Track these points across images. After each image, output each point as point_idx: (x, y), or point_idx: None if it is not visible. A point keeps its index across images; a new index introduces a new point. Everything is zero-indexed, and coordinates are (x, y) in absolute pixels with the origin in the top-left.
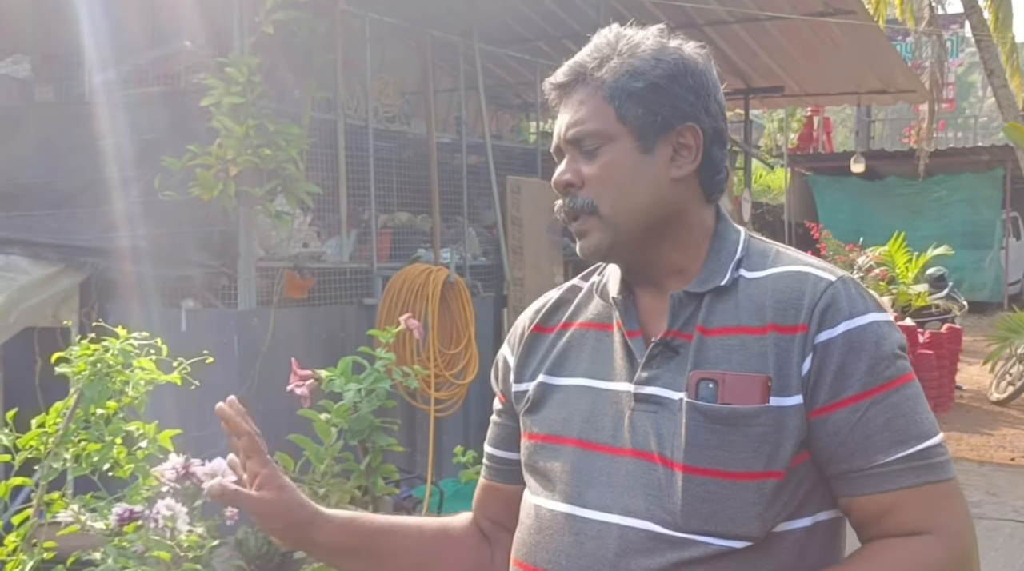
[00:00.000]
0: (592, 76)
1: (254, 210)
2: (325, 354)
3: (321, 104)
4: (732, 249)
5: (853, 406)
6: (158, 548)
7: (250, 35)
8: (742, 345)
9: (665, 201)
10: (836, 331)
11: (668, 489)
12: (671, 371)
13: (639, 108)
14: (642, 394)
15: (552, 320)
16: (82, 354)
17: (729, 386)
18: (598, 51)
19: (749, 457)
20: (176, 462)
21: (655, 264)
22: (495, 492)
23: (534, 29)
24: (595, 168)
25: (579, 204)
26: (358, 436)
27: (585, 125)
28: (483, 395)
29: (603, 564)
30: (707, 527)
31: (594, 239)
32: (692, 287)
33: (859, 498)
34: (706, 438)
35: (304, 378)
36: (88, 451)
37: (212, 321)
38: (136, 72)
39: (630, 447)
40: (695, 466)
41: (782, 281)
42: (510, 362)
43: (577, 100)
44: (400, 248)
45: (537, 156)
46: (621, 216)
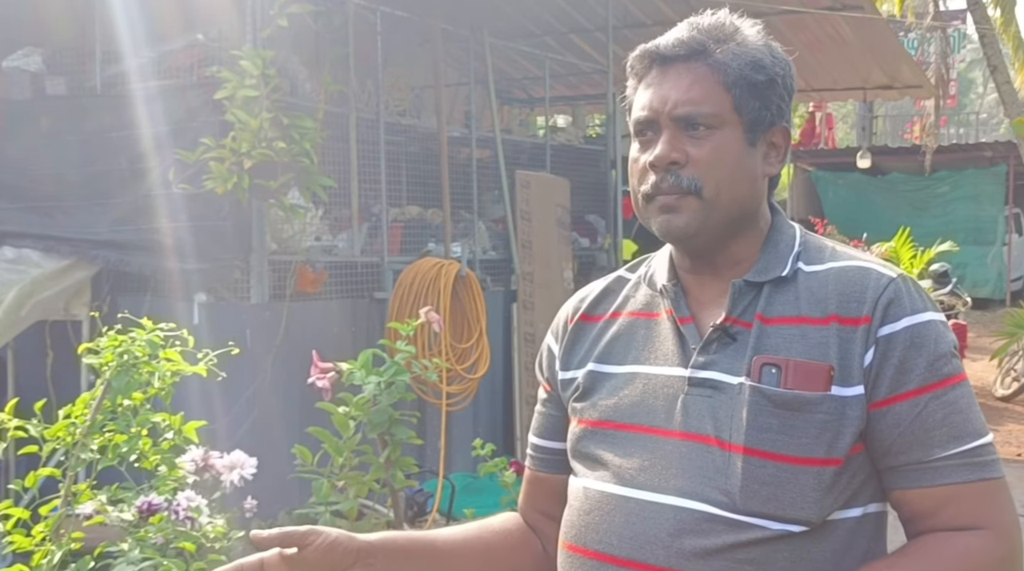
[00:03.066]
0: (712, 56)
1: (267, 203)
2: (337, 347)
3: (333, 97)
4: (790, 242)
5: (913, 400)
6: (182, 539)
7: (264, 28)
8: (803, 335)
9: (755, 195)
10: (898, 325)
11: (726, 471)
12: (728, 357)
13: (756, 101)
14: (697, 378)
15: (599, 309)
16: (110, 345)
17: (793, 372)
18: (714, 32)
19: (810, 443)
20: (196, 454)
21: (721, 254)
22: (542, 483)
23: (542, 24)
24: (705, 151)
25: (685, 183)
26: (377, 429)
27: (701, 106)
28: (493, 389)
29: (656, 544)
30: (765, 510)
31: (685, 219)
32: (752, 276)
33: (914, 491)
34: (768, 421)
35: (325, 370)
36: (115, 442)
37: (225, 314)
38: (148, 65)
39: (684, 430)
40: (756, 448)
41: (844, 275)
42: (555, 351)
43: (689, 77)
44: (410, 242)
45: (546, 151)
46: (722, 202)
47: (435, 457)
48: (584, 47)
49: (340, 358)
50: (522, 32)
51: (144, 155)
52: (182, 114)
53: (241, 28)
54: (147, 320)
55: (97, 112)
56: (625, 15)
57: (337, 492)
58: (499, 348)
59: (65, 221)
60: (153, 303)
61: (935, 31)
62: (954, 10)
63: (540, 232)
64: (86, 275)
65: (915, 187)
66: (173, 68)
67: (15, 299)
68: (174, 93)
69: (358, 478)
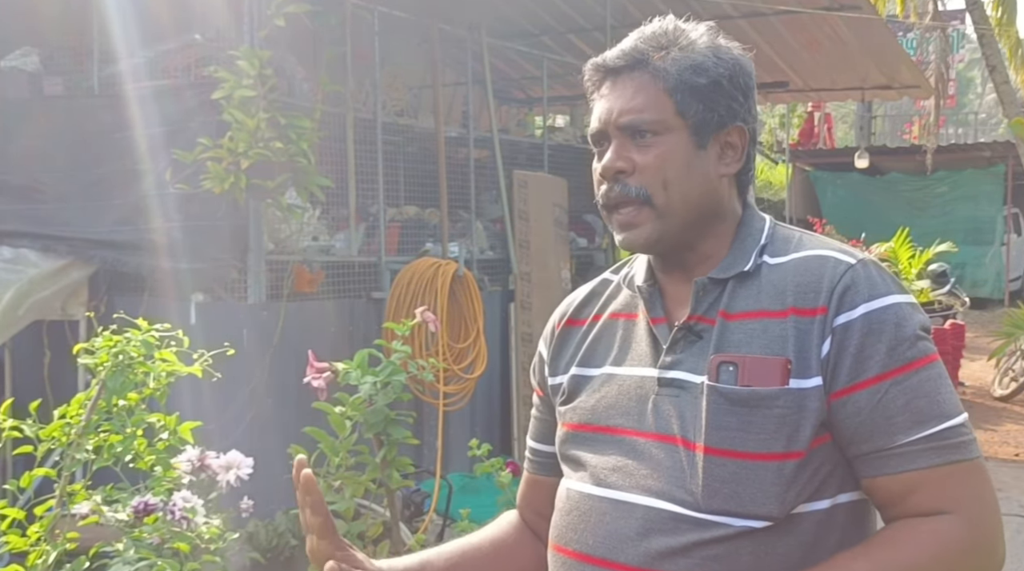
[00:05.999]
0: (652, 64)
1: (265, 203)
2: (334, 347)
3: (330, 97)
4: (756, 236)
5: (873, 388)
6: (178, 540)
7: (261, 28)
8: (763, 329)
9: (712, 196)
10: (855, 313)
11: (690, 470)
12: (694, 355)
13: (699, 104)
14: (665, 378)
15: (583, 313)
16: (105, 345)
17: (749, 369)
18: (655, 39)
19: (769, 438)
20: (192, 454)
21: (688, 253)
22: (538, 485)
23: (540, 24)
24: (650, 158)
25: (633, 192)
26: (373, 429)
27: (643, 114)
28: (490, 389)
29: (626, 543)
30: (727, 507)
31: (644, 230)
32: (716, 273)
33: (880, 478)
34: (727, 420)
35: (321, 370)
36: (110, 442)
37: (222, 314)
38: (146, 65)
39: (654, 430)
40: (716, 447)
41: (803, 265)
42: (545, 356)
43: (632, 86)
44: (408, 242)
45: (544, 150)
46: (674, 208)
47: (432, 457)
48: (582, 47)
49: (337, 358)
50: (520, 32)
51: (141, 155)
52: (179, 114)
53: (238, 28)
54: (143, 320)
55: (94, 112)
56: (623, 15)
57: (333, 492)
58: (496, 348)
59: (62, 221)
60: (150, 303)
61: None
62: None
63: (538, 232)
64: (83, 275)
65: (914, 187)
66: (170, 68)
67: (12, 299)
68: (171, 93)
69: (354, 478)
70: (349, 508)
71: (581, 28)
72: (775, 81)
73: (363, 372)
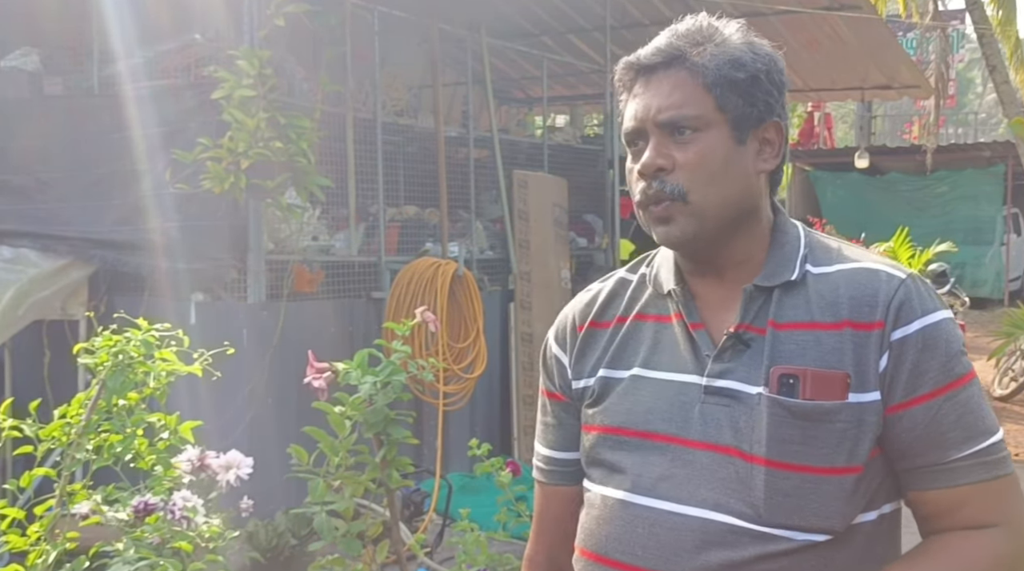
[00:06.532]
0: (690, 60)
1: (264, 203)
2: (334, 347)
3: (330, 97)
4: (795, 243)
5: (928, 403)
6: (178, 539)
7: (261, 28)
8: (816, 341)
9: (749, 194)
10: (911, 328)
11: (749, 483)
12: (744, 365)
13: (739, 99)
14: (714, 387)
15: (606, 314)
16: (105, 345)
17: (811, 382)
18: (690, 36)
19: (831, 452)
20: (191, 454)
21: (723, 255)
22: (559, 496)
23: (540, 24)
24: (689, 154)
25: (669, 189)
26: (373, 429)
27: (682, 109)
28: (490, 389)
29: (682, 557)
30: (790, 521)
31: (679, 227)
32: (761, 281)
33: (932, 492)
34: (789, 433)
35: (321, 370)
36: (110, 442)
37: (222, 314)
38: (146, 65)
39: (702, 440)
40: (778, 460)
41: (854, 277)
42: (564, 361)
43: (669, 83)
44: (407, 242)
45: (544, 150)
46: (711, 205)
47: (432, 457)
48: (582, 47)
49: (337, 358)
50: (520, 32)
51: (141, 155)
52: (179, 114)
53: (238, 28)
54: (143, 320)
55: (94, 112)
56: (623, 15)
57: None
58: (496, 348)
59: (62, 221)
60: (150, 303)
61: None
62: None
63: (537, 232)
64: (83, 275)
65: (914, 187)
66: (170, 68)
67: (12, 299)
68: (171, 93)
69: (354, 478)
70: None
71: (581, 28)
72: None
73: (363, 372)
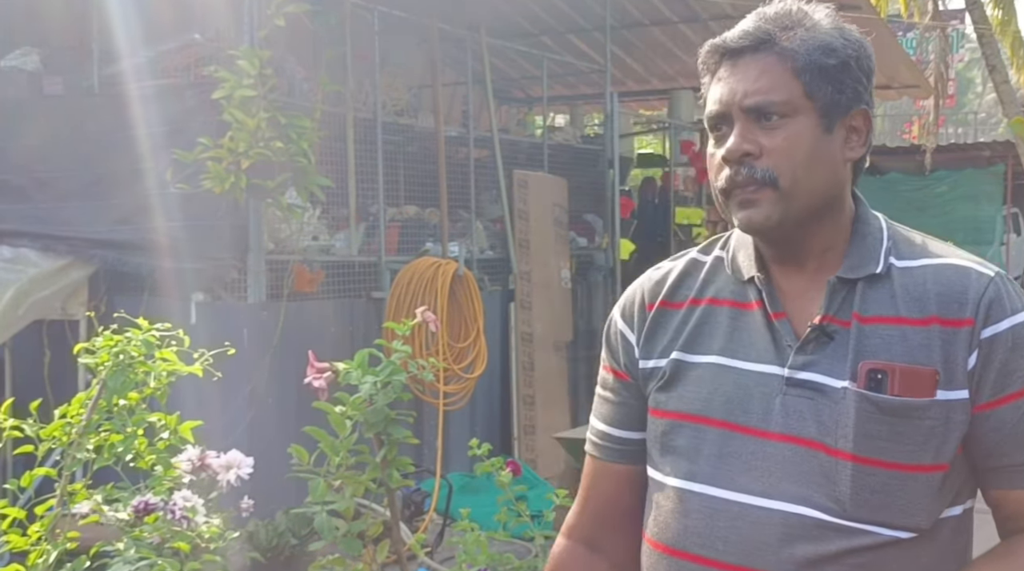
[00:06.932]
0: (779, 44)
1: (265, 203)
2: (334, 347)
3: (330, 97)
4: (878, 235)
5: (1016, 403)
6: (178, 539)
7: (261, 28)
8: (902, 336)
9: (836, 181)
10: (1001, 327)
11: (834, 477)
12: (828, 357)
13: (828, 86)
14: (797, 379)
15: (678, 295)
16: (105, 345)
17: (900, 377)
18: (779, 20)
19: (918, 449)
20: (192, 454)
21: (805, 243)
22: (611, 473)
23: (540, 24)
24: (778, 140)
25: (759, 174)
26: (374, 429)
27: (770, 95)
28: (491, 389)
29: (766, 551)
30: (876, 517)
31: (764, 211)
32: (845, 272)
33: (1016, 491)
34: (877, 429)
35: (321, 370)
36: (111, 442)
37: (222, 314)
38: (146, 64)
39: (783, 432)
40: (865, 456)
41: (942, 273)
42: (631, 339)
43: (757, 67)
44: (408, 241)
45: (544, 150)
46: (799, 191)
47: (432, 456)
48: (582, 47)
49: (337, 358)
50: (520, 32)
51: (141, 155)
52: (179, 114)
53: (238, 28)
54: (143, 320)
55: (94, 112)
56: (623, 15)
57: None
58: (496, 347)
59: (62, 220)
60: (150, 303)
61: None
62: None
63: (538, 231)
64: (83, 275)
65: (913, 187)
66: (170, 68)
67: (12, 298)
68: (171, 93)
69: (354, 478)
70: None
71: (581, 28)
72: None
73: (363, 372)
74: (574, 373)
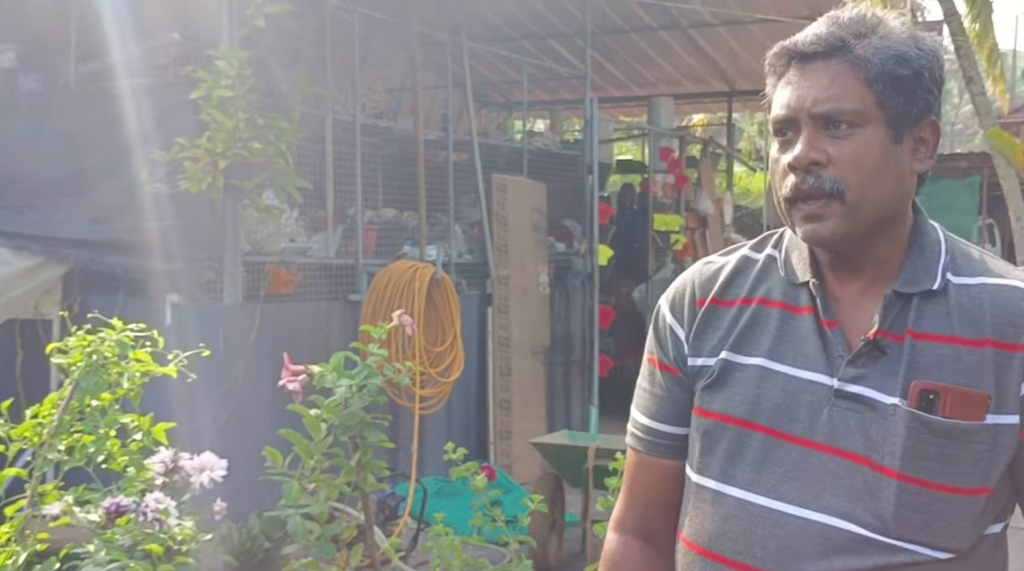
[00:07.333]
0: (852, 52)
1: (242, 204)
2: (310, 349)
3: (309, 99)
4: (935, 249)
5: None
6: (150, 541)
7: (240, 28)
8: (956, 356)
9: (902, 194)
10: None
11: (878, 494)
12: (879, 372)
13: (900, 96)
14: (846, 392)
15: (729, 292)
16: (78, 345)
17: (952, 400)
18: (853, 27)
19: (966, 472)
20: (165, 455)
21: (865, 253)
22: (657, 467)
23: (520, 28)
24: (846, 150)
25: (828, 186)
26: (348, 432)
27: (842, 103)
28: (467, 393)
29: (802, 561)
30: (917, 536)
31: (830, 226)
32: (901, 286)
33: None
34: (926, 449)
35: (296, 373)
36: (83, 443)
37: (197, 315)
38: (124, 63)
39: (829, 444)
40: (912, 476)
41: (999, 295)
42: (680, 334)
43: (828, 74)
44: (385, 244)
45: (523, 155)
46: (866, 204)
47: (407, 460)
48: (562, 52)
49: (314, 360)
50: (500, 36)
51: (118, 154)
52: (157, 113)
53: (218, 28)
54: (117, 320)
55: (71, 110)
56: (604, 21)
57: (308, 495)
58: (473, 352)
59: (36, 219)
60: (125, 303)
61: None
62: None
63: (516, 236)
64: (57, 274)
65: None
66: (149, 67)
67: None
68: (149, 92)
69: (329, 481)
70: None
71: (561, 33)
72: (754, 89)
73: (339, 375)
74: (551, 378)
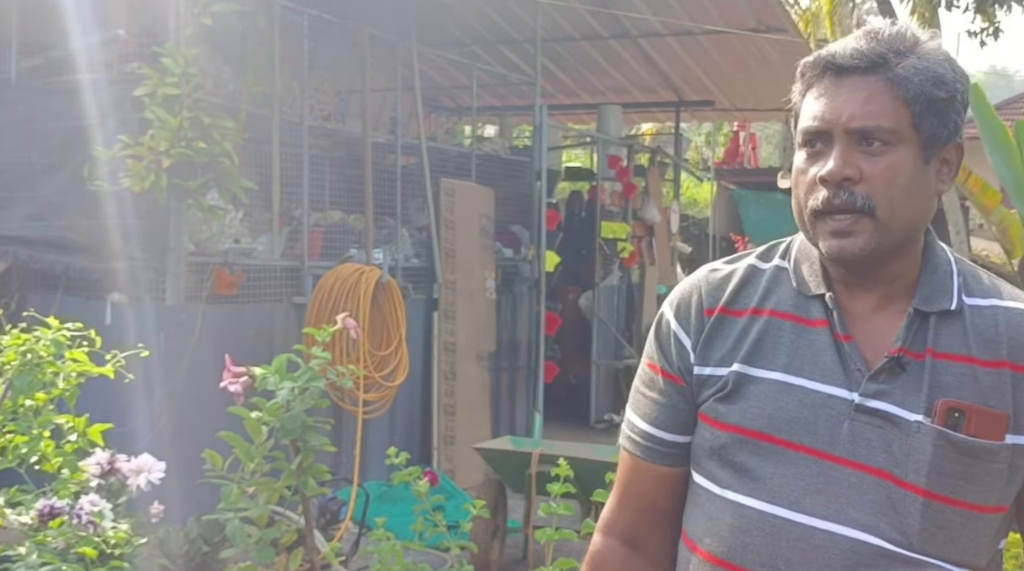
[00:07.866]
0: (893, 70)
1: (186, 204)
2: (253, 351)
3: (257, 99)
4: (947, 268)
5: None
6: (84, 544)
7: (187, 26)
8: (974, 376)
9: (926, 213)
10: None
11: (903, 509)
12: (900, 388)
13: (935, 118)
14: (867, 407)
15: (738, 302)
16: (12, 344)
17: (976, 419)
18: (894, 44)
19: (986, 491)
20: (101, 457)
21: (881, 270)
22: (653, 474)
23: (471, 33)
24: (879, 168)
25: (859, 202)
26: (290, 435)
27: (879, 120)
28: (411, 398)
29: None
30: (941, 552)
31: (860, 242)
32: (920, 304)
33: None
34: (951, 467)
35: (238, 375)
36: (15, 443)
37: (139, 315)
38: (67, 59)
39: (851, 458)
40: (937, 492)
41: (1014, 318)
42: (686, 343)
43: (865, 90)
44: (331, 247)
45: (472, 160)
46: (895, 222)
47: (350, 464)
48: (513, 58)
49: (256, 362)
50: (451, 40)
51: (59, 150)
52: (100, 110)
53: (164, 25)
54: (54, 319)
55: (11, 105)
56: (554, 28)
57: (247, 498)
58: (418, 356)
59: None
60: (64, 302)
61: None
62: None
63: (463, 241)
64: None
65: None
66: (93, 63)
67: None
68: (92, 88)
69: (269, 484)
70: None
71: (512, 39)
72: (702, 99)
73: (281, 377)
74: (496, 384)
